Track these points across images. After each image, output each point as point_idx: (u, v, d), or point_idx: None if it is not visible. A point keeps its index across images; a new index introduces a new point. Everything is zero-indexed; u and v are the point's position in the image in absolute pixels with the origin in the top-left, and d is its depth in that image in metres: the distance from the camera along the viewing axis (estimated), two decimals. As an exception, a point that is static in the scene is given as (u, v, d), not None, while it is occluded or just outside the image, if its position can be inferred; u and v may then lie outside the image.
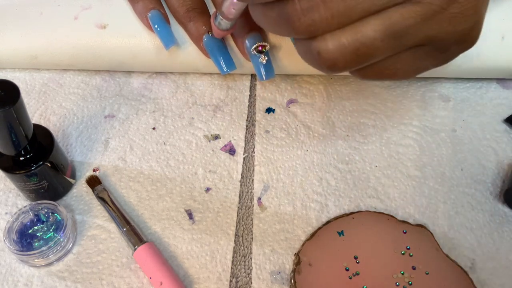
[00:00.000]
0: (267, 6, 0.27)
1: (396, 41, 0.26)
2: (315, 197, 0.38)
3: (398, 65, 0.29)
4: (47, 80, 0.45)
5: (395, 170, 0.39)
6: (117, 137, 0.41)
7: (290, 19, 0.26)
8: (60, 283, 0.34)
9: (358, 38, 0.26)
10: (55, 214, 0.35)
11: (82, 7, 0.43)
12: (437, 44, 0.28)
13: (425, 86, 0.44)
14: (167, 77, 0.45)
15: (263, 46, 0.38)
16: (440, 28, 0.26)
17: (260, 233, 0.36)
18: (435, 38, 0.27)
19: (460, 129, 0.41)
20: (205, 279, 0.34)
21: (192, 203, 0.38)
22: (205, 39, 0.40)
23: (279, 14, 0.26)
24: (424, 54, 0.28)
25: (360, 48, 0.26)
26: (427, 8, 0.26)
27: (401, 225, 0.35)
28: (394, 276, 0.33)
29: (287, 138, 0.41)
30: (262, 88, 0.45)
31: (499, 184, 0.38)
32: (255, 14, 0.29)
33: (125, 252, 0.35)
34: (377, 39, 0.26)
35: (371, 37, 0.26)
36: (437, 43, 0.28)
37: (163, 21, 0.40)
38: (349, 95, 0.44)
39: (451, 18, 0.26)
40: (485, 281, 0.34)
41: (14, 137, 0.31)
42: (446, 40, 0.27)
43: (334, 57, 0.27)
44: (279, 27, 0.27)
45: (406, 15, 0.26)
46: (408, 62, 0.29)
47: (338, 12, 0.25)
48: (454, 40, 0.28)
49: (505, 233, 0.36)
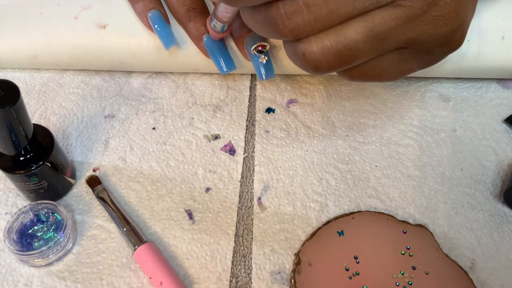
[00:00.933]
0: (254, 9, 0.28)
1: (378, 44, 0.27)
2: (315, 197, 0.38)
3: (383, 66, 0.29)
4: (47, 80, 0.45)
5: (395, 170, 0.39)
6: (117, 137, 0.41)
7: (275, 23, 0.27)
8: (60, 283, 0.34)
9: (341, 40, 0.27)
10: (55, 214, 0.35)
11: (82, 7, 0.43)
12: (420, 47, 0.28)
13: (425, 86, 0.44)
14: (167, 77, 0.45)
15: (263, 46, 0.38)
16: (421, 30, 0.27)
17: (260, 233, 0.36)
18: (417, 41, 0.27)
19: (460, 129, 0.41)
20: (205, 279, 0.34)
21: (192, 203, 0.38)
22: (205, 39, 0.40)
23: (265, 17, 0.27)
24: (408, 56, 0.29)
25: (343, 50, 0.27)
26: (408, 11, 0.26)
27: (401, 225, 0.35)
28: (394, 276, 0.33)
29: (287, 138, 0.41)
30: (262, 88, 0.45)
31: (499, 184, 0.38)
32: (244, 16, 0.29)
33: (125, 252, 0.35)
34: (359, 42, 0.27)
35: (354, 40, 0.26)
36: (419, 46, 0.28)
37: (163, 21, 0.40)
38: (349, 95, 0.44)
39: (432, 20, 0.27)
40: (485, 281, 0.34)
41: (14, 137, 0.31)
42: (428, 42, 0.28)
43: (318, 58, 0.27)
44: (265, 30, 0.28)
45: (387, 18, 0.26)
46: (393, 64, 0.29)
47: (320, 16, 0.26)
48: (436, 43, 0.28)
49: (505, 233, 0.36)
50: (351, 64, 0.28)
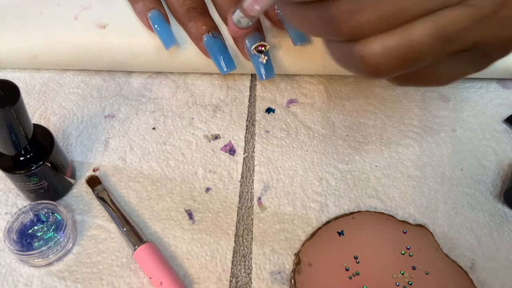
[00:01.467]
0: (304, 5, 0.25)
1: (444, 46, 0.25)
2: (315, 197, 0.38)
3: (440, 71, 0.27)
4: (47, 80, 0.45)
5: (395, 170, 0.39)
6: (117, 137, 0.41)
7: (333, 21, 0.24)
8: (60, 283, 0.34)
9: (406, 42, 0.24)
10: (55, 214, 0.35)
11: (82, 6, 0.43)
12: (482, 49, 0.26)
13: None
14: (167, 77, 0.45)
15: (263, 45, 0.38)
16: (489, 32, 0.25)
17: (260, 233, 0.36)
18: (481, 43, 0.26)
19: (460, 129, 0.41)
20: (205, 279, 0.34)
21: (192, 203, 0.38)
22: (205, 39, 0.39)
23: (320, 15, 0.25)
24: (466, 59, 0.27)
25: (407, 52, 0.25)
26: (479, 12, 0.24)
27: (401, 225, 0.35)
28: (394, 276, 0.33)
29: (287, 138, 0.41)
30: (262, 88, 0.45)
31: (499, 184, 0.38)
32: (288, 13, 0.27)
33: (125, 252, 0.35)
34: (425, 43, 0.24)
35: (420, 41, 0.24)
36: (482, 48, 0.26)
37: (163, 21, 0.40)
38: (349, 95, 0.44)
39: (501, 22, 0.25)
40: (485, 281, 0.34)
41: (14, 137, 0.31)
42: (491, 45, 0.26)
43: (378, 61, 0.25)
44: (317, 29, 0.26)
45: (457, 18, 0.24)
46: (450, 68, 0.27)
47: (387, 14, 0.24)
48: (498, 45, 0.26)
49: (505, 233, 0.36)
50: (412, 68, 0.26)
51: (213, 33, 0.39)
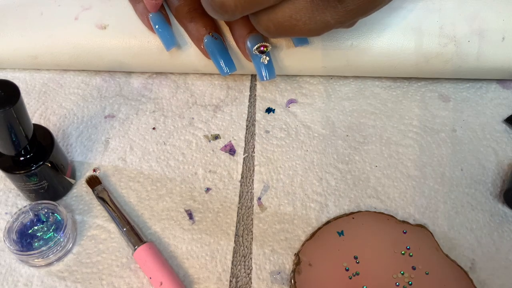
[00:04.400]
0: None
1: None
2: (315, 197, 0.38)
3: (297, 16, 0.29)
4: (47, 80, 0.45)
5: (395, 170, 0.39)
6: (117, 137, 0.41)
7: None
8: (60, 283, 0.34)
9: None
10: (55, 214, 0.35)
11: (82, 7, 0.43)
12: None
13: (425, 86, 0.44)
14: (167, 77, 0.45)
15: (265, 46, 0.38)
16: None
17: (260, 233, 0.36)
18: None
19: (460, 129, 0.41)
20: (205, 279, 0.34)
21: (192, 203, 0.38)
22: (206, 40, 0.39)
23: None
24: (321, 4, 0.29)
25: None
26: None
27: (401, 225, 0.35)
28: (394, 276, 0.33)
29: (287, 138, 0.41)
30: (262, 88, 0.45)
31: (499, 184, 0.38)
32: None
33: (125, 252, 0.35)
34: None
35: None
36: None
37: (164, 22, 0.40)
38: (349, 95, 0.44)
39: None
40: (485, 281, 0.34)
41: (14, 137, 0.31)
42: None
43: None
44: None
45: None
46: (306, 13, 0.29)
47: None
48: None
49: (505, 233, 0.36)
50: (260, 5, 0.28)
51: (214, 34, 0.39)
